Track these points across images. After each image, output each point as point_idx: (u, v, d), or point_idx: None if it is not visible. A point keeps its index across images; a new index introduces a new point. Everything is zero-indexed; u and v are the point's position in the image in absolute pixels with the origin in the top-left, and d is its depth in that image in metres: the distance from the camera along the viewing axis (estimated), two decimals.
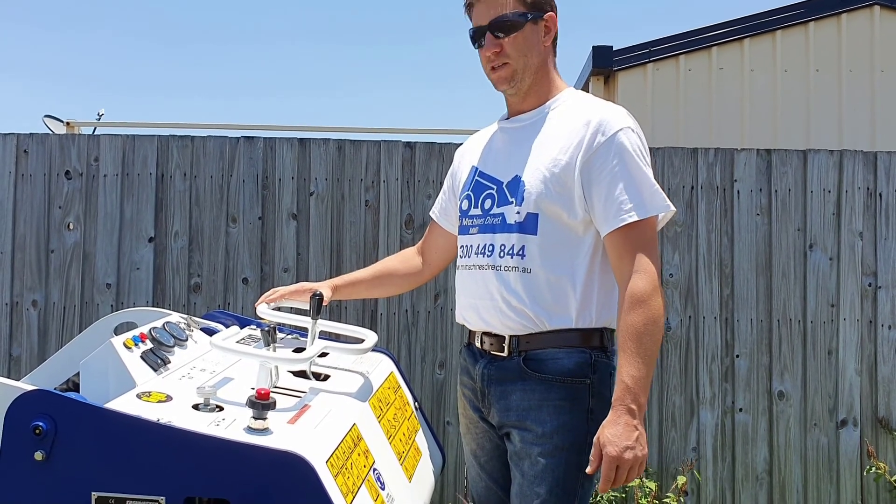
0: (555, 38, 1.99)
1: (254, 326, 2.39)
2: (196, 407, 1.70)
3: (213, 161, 3.95)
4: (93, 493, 1.58)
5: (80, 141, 3.95)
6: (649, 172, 1.84)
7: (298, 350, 2.21)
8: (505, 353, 1.93)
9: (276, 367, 1.92)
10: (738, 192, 4.02)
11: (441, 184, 3.96)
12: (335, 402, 1.87)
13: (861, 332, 3.98)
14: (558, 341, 1.88)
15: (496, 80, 1.98)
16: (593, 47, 5.65)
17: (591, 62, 5.67)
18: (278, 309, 2.26)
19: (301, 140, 4.01)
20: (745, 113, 5.61)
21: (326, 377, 2.07)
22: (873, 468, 3.80)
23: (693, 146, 4.22)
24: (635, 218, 1.79)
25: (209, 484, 1.56)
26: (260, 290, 3.92)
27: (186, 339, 2.08)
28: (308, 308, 2.12)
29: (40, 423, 1.57)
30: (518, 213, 1.89)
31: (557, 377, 1.87)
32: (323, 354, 2.22)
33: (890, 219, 4.01)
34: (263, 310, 2.20)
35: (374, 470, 1.79)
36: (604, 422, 1.76)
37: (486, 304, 1.95)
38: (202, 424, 1.60)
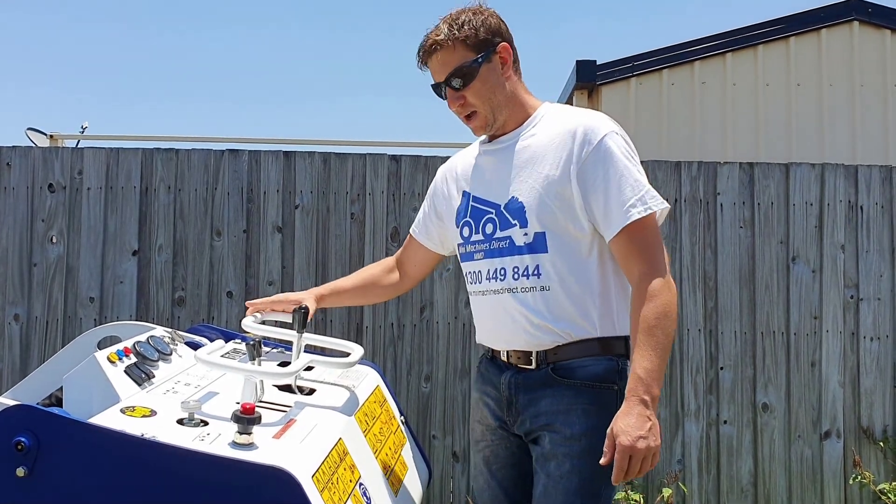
0: (515, 61, 1.99)
1: (238, 340, 2.38)
2: (181, 422, 1.68)
3: (197, 174, 3.94)
4: None
5: (64, 154, 3.94)
6: (638, 172, 1.86)
7: (284, 364, 2.20)
8: (533, 366, 1.94)
9: (262, 381, 1.91)
10: (722, 205, 4.04)
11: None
12: (321, 416, 1.86)
13: (844, 343, 4.01)
14: (585, 351, 1.90)
15: (473, 128, 2.03)
16: (577, 61, 5.68)
17: (575, 76, 5.69)
18: (263, 322, 2.25)
19: (286, 153, 4.01)
20: (728, 126, 5.66)
21: (312, 391, 2.06)
22: (859, 477, 3.82)
23: (676, 159, 4.25)
24: (634, 218, 1.81)
25: (194, 499, 1.55)
26: (245, 303, 3.90)
27: (171, 354, 2.07)
28: (293, 321, 2.12)
29: (22, 439, 1.55)
30: (525, 234, 1.90)
31: (586, 382, 1.89)
32: (308, 368, 2.21)
33: (871, 231, 4.05)
34: (248, 323, 2.19)
35: (361, 485, 1.78)
36: (617, 413, 1.77)
37: (509, 326, 1.95)
38: (187, 439, 1.59)
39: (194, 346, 2.23)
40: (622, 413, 1.75)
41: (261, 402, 1.87)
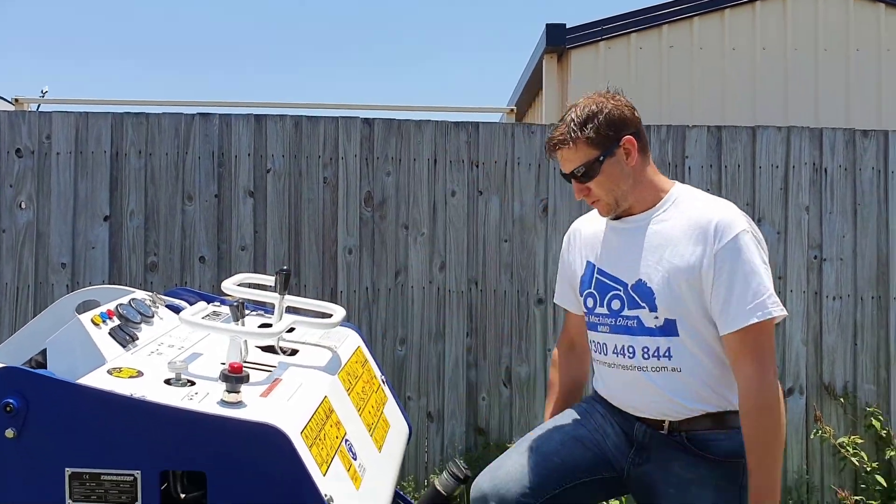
0: (643, 146, 2.03)
1: (218, 303, 2.40)
2: (168, 382, 1.70)
3: (168, 138, 3.90)
4: (66, 468, 1.58)
5: (31, 118, 3.87)
6: (764, 273, 1.88)
7: (266, 326, 2.22)
8: (665, 431, 2.01)
9: (245, 342, 1.93)
10: (690, 168, 4.11)
11: (400, 160, 3.98)
12: (306, 375, 1.89)
13: (807, 303, 4.12)
14: (714, 424, 1.97)
15: (598, 211, 2.08)
16: (547, 25, 5.70)
17: (545, 40, 5.71)
18: (241, 285, 2.27)
19: (257, 117, 3.98)
20: (695, 90, 5.72)
21: (295, 352, 2.09)
22: (820, 431, 3.95)
23: (645, 123, 4.28)
24: (753, 322, 1.84)
25: (184, 457, 1.58)
26: (217, 268, 3.90)
27: (153, 316, 2.08)
28: (275, 284, 2.14)
29: (11, 401, 1.56)
30: (656, 318, 1.95)
31: (719, 458, 1.96)
32: (290, 330, 2.23)
33: (835, 193, 4.15)
34: (228, 286, 2.20)
35: (346, 441, 1.82)
36: None
37: (640, 399, 2.02)
38: (176, 399, 1.61)
39: (175, 309, 2.24)
40: None
41: (245, 362, 1.89)
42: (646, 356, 1.97)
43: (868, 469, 3.92)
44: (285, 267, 2.13)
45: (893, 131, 4.21)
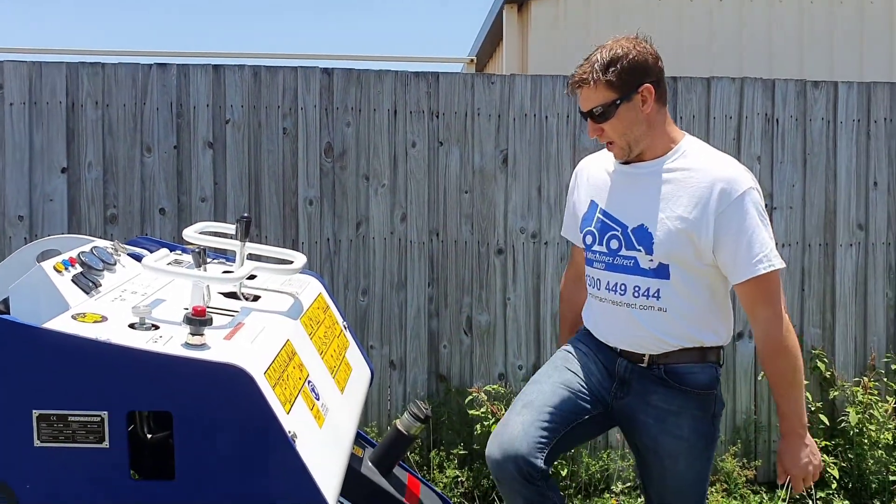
0: (661, 94, 2.12)
1: (179, 251, 2.42)
2: (132, 326, 1.73)
3: (125, 89, 3.86)
4: (34, 410, 1.61)
5: None
6: (765, 229, 2.05)
7: (228, 273, 2.25)
8: (644, 364, 2.15)
9: (208, 287, 1.96)
10: None
11: (360, 111, 3.99)
12: (268, 319, 1.93)
13: None
14: (690, 358, 2.14)
15: (611, 152, 2.18)
16: None
17: None
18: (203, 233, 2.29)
19: (216, 66, 3.95)
20: (653, 41, 5.74)
21: (257, 298, 2.13)
22: None
23: None
24: (761, 273, 2.01)
25: (151, 398, 1.62)
26: (178, 220, 3.90)
27: (115, 264, 2.10)
28: (236, 231, 2.16)
29: None
30: (651, 261, 2.09)
31: (694, 389, 2.16)
32: (251, 277, 2.27)
33: (785, 143, 4.25)
34: (190, 233, 2.23)
35: (309, 382, 1.88)
36: (781, 450, 2.14)
37: (624, 333, 2.16)
38: (141, 342, 1.65)
39: (137, 257, 2.26)
40: (785, 450, 2.12)
41: (208, 307, 1.92)
42: (636, 294, 2.12)
43: (812, 409, 4.09)
44: (246, 214, 2.16)
45: (843, 82, 4.32)
